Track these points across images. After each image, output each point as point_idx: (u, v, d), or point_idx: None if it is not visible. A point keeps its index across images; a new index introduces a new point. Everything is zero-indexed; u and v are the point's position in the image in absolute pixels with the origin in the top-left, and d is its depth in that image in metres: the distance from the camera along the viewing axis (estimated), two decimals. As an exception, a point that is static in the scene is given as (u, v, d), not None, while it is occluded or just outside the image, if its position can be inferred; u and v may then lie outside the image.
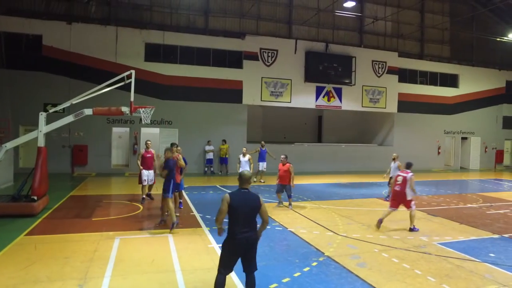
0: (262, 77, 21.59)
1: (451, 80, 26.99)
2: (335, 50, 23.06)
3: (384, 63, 24.44)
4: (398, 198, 9.71)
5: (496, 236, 9.21)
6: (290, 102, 22.30)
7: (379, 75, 24.35)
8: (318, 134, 27.96)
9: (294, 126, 26.39)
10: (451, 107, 26.62)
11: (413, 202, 9.66)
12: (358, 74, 23.55)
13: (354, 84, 23.41)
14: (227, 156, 20.35)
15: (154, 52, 20.00)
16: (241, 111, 21.49)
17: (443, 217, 11.07)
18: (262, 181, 17.47)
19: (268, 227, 5.88)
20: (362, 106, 23.99)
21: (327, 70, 22.68)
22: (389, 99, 24.53)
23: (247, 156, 15.15)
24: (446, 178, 21.54)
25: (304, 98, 22.63)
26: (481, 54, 28.03)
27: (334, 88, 23.20)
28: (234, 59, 21.41)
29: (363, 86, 23.85)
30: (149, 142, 12.30)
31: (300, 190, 14.96)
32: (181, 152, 10.54)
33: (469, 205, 12.99)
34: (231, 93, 21.09)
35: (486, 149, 27.55)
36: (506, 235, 9.25)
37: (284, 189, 11.93)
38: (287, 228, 9.47)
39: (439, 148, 26.12)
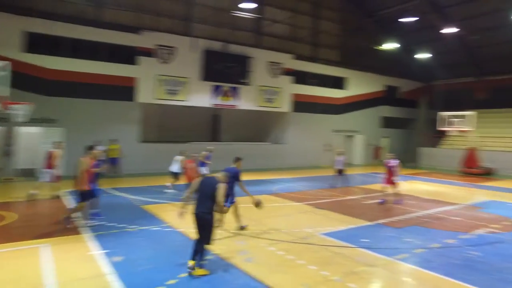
0: (157, 75, 20.97)
1: (340, 83, 29.23)
2: (233, 50, 23.40)
3: (280, 65, 25.50)
4: None
5: (370, 223, 10.18)
6: (187, 100, 22.05)
7: (274, 75, 25.32)
8: (216, 133, 28.05)
9: (192, 125, 26.07)
10: (339, 108, 28.84)
11: None
12: (255, 74, 24.22)
13: (251, 84, 24.01)
14: (118, 156, 19.22)
15: (37, 43, 18.08)
16: (134, 109, 20.62)
17: (327, 209, 11.90)
18: None
19: (157, 228, 5.75)
20: (258, 106, 24.73)
21: (224, 70, 22.92)
22: (284, 99, 25.68)
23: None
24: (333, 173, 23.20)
25: (201, 97, 22.58)
26: (366, 60, 30.79)
27: (231, 87, 23.53)
28: (128, 55, 20.42)
29: (259, 86, 24.59)
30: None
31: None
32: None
33: (349, 197, 14.17)
34: (124, 91, 20.11)
35: (369, 146, 30.38)
36: (378, 222, 10.27)
37: None
38: (176, 229, 9.31)
39: (327, 146, 28.06)
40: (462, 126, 23.05)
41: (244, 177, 9.45)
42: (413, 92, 34.35)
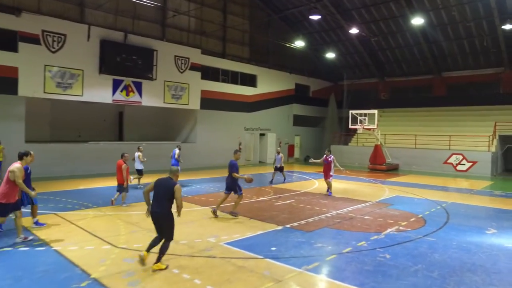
0: (45, 65, 18.24)
1: (250, 80, 28.61)
2: (135, 42, 21.40)
3: (187, 59, 24.03)
4: None
5: (279, 227, 9.32)
6: (82, 95, 19.56)
7: (182, 70, 23.80)
8: (119, 131, 25.72)
9: (92, 123, 23.51)
10: (250, 105, 28.21)
11: None
12: (160, 69, 22.47)
13: (156, 79, 22.22)
14: (1, 160, 16.28)
15: None
16: (17, 104, 17.69)
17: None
18: None
19: (26, 248, 4.09)
20: (164, 102, 23.02)
21: (125, 62, 20.80)
22: (192, 95, 24.26)
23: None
24: (244, 173, 22.42)
25: (100, 92, 20.23)
26: (276, 58, 30.65)
27: (133, 82, 21.50)
28: (7, 40, 17.43)
29: (165, 81, 22.89)
30: None
31: (89, 196, 12.94)
32: None
33: (261, 198, 13.33)
34: (3, 82, 17.12)
35: (280, 144, 30.21)
36: (288, 225, 9.46)
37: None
38: (51, 247, 7.52)
39: (240, 144, 27.27)
40: (368, 124, 23.76)
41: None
42: (323, 91, 35.14)
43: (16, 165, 7.82)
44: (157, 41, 22.62)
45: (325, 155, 14.93)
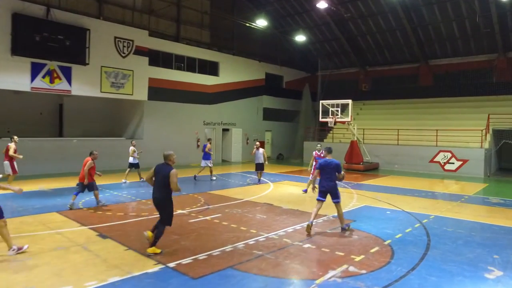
0: None
1: (211, 68, 25.05)
2: (62, 18, 17.71)
3: (131, 42, 20.40)
4: None
5: (157, 267, 5.77)
6: (-11, 81, 15.91)
7: (124, 55, 20.17)
8: (60, 126, 22.08)
9: (25, 117, 19.85)
10: (211, 96, 24.66)
11: None
12: (96, 52, 18.86)
13: (89, 64, 18.59)
14: None
15: None
16: None
17: (120, 236, 7.34)
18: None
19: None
20: (102, 92, 19.37)
21: (48, 43, 17.09)
22: (137, 84, 20.64)
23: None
24: (206, 173, 18.95)
25: (13, 77, 16.56)
26: (242, 44, 27.17)
27: (60, 66, 17.84)
28: None
29: (102, 67, 19.27)
30: None
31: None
32: None
33: (179, 211, 9.73)
34: None
35: (248, 141, 26.76)
36: (172, 264, 5.92)
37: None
38: None
39: (198, 141, 23.77)
40: (341, 117, 20.27)
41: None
42: (299, 82, 31.70)
43: None
44: (91, 19, 18.98)
45: (315, 151, 12.70)
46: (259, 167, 15.65)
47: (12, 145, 12.67)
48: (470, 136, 20.57)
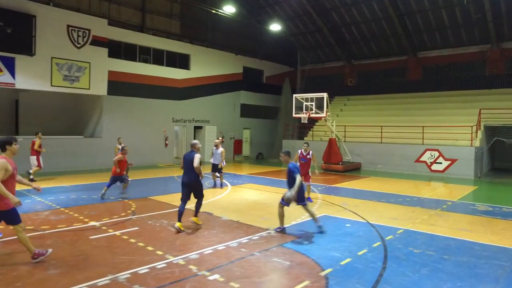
0: None
1: (181, 61, 23.19)
2: (2, 3, 15.91)
3: (87, 31, 18.61)
4: None
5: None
6: None
7: (79, 45, 18.38)
8: (16, 123, 20.26)
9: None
10: (181, 92, 22.80)
11: None
12: (45, 42, 17.09)
13: (35, 54, 16.76)
14: None
15: None
16: None
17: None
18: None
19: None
20: (52, 85, 17.57)
21: (-15, 30, 15.36)
22: (94, 77, 18.84)
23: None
24: (169, 175, 17.17)
25: None
26: (217, 36, 25.35)
27: (1, 57, 16.04)
28: None
29: (52, 58, 17.46)
30: None
31: None
32: None
33: (91, 224, 7.92)
34: None
35: (223, 139, 24.89)
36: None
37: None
38: None
39: (166, 139, 21.94)
40: (315, 112, 18.37)
41: None
42: (280, 77, 29.82)
43: None
44: (38, 4, 17.15)
45: (301, 150, 11.28)
46: (215, 169, 13.71)
47: (37, 141, 14.22)
48: (459, 133, 18.77)
